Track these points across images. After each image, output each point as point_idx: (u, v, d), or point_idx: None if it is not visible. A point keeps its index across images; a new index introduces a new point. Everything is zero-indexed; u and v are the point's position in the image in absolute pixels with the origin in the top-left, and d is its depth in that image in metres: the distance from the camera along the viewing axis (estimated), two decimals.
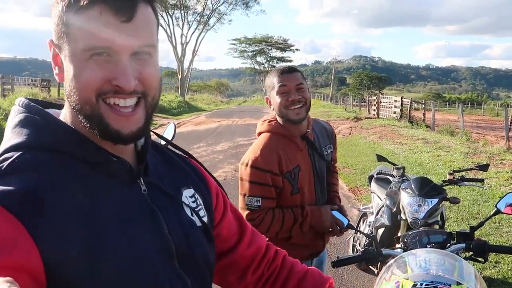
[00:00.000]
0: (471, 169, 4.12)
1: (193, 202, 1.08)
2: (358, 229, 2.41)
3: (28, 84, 25.59)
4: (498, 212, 2.20)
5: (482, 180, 3.91)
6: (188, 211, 1.05)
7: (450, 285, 1.12)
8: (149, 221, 0.95)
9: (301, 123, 2.30)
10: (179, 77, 53.21)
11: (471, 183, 3.97)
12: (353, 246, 4.87)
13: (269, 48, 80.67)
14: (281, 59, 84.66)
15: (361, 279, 4.54)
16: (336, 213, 2.35)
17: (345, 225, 2.31)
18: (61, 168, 0.87)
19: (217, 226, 1.17)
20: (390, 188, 4.26)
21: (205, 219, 1.09)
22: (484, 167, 3.82)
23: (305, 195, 2.35)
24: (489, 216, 2.21)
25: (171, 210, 1.01)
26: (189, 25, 55.07)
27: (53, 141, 0.89)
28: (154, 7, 0.92)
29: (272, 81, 2.28)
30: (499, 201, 2.22)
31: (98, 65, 0.85)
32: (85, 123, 0.90)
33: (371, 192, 4.98)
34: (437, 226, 3.48)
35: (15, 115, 0.94)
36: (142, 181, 0.98)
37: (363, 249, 2.20)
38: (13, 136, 0.90)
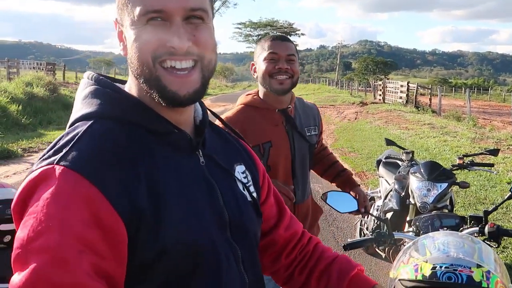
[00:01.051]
0: (481, 154, 4.09)
1: (244, 177, 1.13)
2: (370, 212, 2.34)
3: (34, 68, 25.58)
4: None
5: (492, 165, 3.88)
6: (240, 186, 1.09)
7: (470, 268, 1.10)
8: (207, 191, 0.99)
9: (283, 95, 2.13)
10: None
11: (480, 167, 3.95)
12: (360, 230, 4.87)
13: (275, 32, 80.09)
14: None
15: (368, 263, 4.54)
16: (347, 196, 2.29)
17: (355, 209, 2.26)
18: (128, 136, 0.92)
19: (262, 205, 1.20)
20: (399, 172, 4.24)
21: (254, 194, 1.13)
22: (494, 152, 3.79)
23: (278, 175, 2.13)
24: (504, 200, 2.19)
25: (225, 183, 1.05)
26: None
27: (121, 112, 0.94)
28: None
29: (263, 46, 2.12)
30: None
31: (153, 29, 0.90)
32: (146, 88, 0.94)
33: (379, 177, 4.96)
34: (446, 211, 3.47)
35: (85, 87, 0.99)
36: (200, 153, 1.02)
37: (375, 232, 2.18)
38: (83, 106, 0.95)
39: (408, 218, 3.58)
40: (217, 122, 1.24)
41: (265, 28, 78.43)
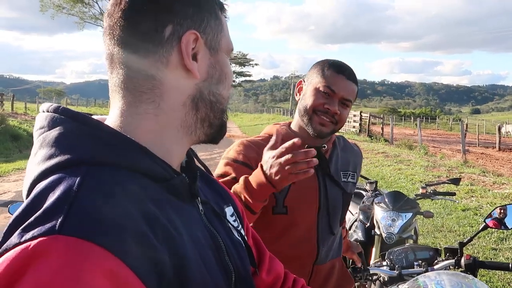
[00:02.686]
0: (443, 183, 4.15)
1: (234, 221, 0.99)
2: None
3: None
4: (486, 227, 2.17)
5: (454, 194, 3.93)
6: (235, 232, 0.96)
7: None
8: (213, 244, 0.86)
9: (321, 138, 1.77)
10: None
11: (443, 197, 3.99)
12: (351, 267, 4.82)
13: (229, 63, 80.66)
14: (241, 74, 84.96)
15: None
16: None
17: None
18: (131, 185, 0.73)
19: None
20: (363, 202, 4.23)
21: (246, 238, 1.00)
22: (455, 181, 3.85)
23: (297, 224, 1.74)
24: (477, 232, 2.18)
25: (224, 232, 0.92)
26: None
27: (117, 155, 0.74)
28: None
29: (323, 72, 1.73)
30: (487, 216, 2.19)
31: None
32: (205, 120, 0.86)
33: None
34: (411, 241, 3.47)
35: (54, 124, 0.77)
36: (199, 200, 0.88)
37: (350, 267, 2.13)
38: (60, 150, 0.73)
39: (373, 249, 3.55)
40: None
41: None
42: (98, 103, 66.67)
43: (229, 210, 1.01)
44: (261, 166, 1.46)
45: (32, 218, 0.63)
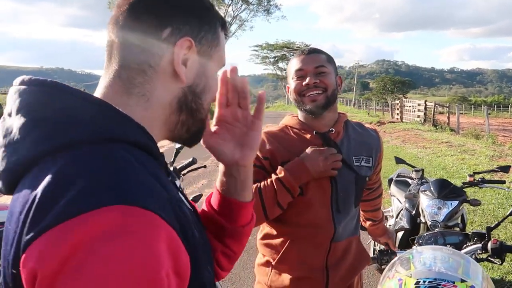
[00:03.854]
0: (491, 171, 4.04)
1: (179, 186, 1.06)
2: None
3: None
4: None
5: (503, 182, 3.83)
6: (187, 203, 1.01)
7: (454, 282, 1.09)
8: (196, 217, 0.94)
9: (320, 114, 1.85)
10: None
11: (491, 184, 3.90)
12: (374, 250, 4.82)
13: (291, 53, 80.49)
14: None
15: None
16: None
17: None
18: (142, 160, 0.77)
19: None
20: (409, 190, 4.21)
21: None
22: (505, 169, 3.74)
23: (312, 202, 1.85)
24: (506, 216, 2.16)
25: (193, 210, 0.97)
26: None
27: (131, 132, 0.79)
28: None
29: (291, 65, 1.91)
30: None
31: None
32: (182, 126, 0.91)
33: (391, 195, 4.92)
34: (457, 229, 3.42)
35: (45, 96, 0.77)
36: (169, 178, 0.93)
37: (377, 251, 2.18)
38: (73, 125, 0.74)
39: None
40: None
41: (282, 50, 79.03)
42: None
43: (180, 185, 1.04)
44: (303, 161, 1.78)
45: (82, 189, 0.65)
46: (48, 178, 0.67)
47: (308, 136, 1.89)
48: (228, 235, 1.04)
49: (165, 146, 15.70)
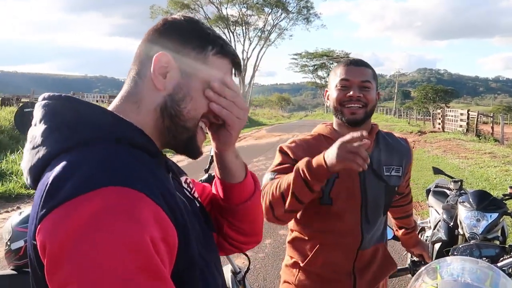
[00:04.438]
0: None
1: (184, 183, 1.18)
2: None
3: (97, 101, 26.96)
4: None
5: None
6: (197, 203, 1.15)
7: None
8: (191, 209, 1.06)
9: (357, 125, 1.88)
10: (241, 91, 53.94)
11: None
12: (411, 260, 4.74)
13: (331, 62, 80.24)
14: None
15: None
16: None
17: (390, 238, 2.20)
18: (143, 158, 0.94)
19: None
20: (447, 201, 4.13)
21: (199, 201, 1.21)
22: None
23: (341, 214, 1.89)
24: None
25: (192, 202, 1.11)
26: (250, 41, 56.13)
27: (130, 134, 0.95)
28: None
29: (335, 72, 1.93)
30: None
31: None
32: (168, 132, 1.02)
33: (429, 206, 4.84)
34: (497, 242, 3.34)
35: (67, 109, 0.95)
36: (170, 176, 1.08)
37: (411, 261, 2.16)
38: (81, 129, 0.92)
39: None
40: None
41: (321, 58, 78.82)
42: None
43: (183, 178, 1.18)
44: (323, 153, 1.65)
45: (80, 176, 0.81)
46: (59, 166, 0.85)
47: None
48: (227, 213, 1.22)
49: (203, 153, 15.88)
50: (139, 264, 0.77)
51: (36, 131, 0.94)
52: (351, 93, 1.86)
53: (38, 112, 0.97)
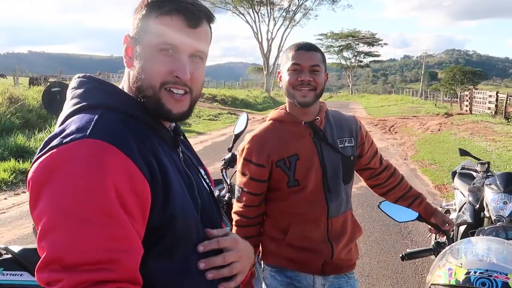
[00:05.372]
0: None
1: (205, 174, 1.34)
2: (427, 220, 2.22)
3: None
4: None
5: None
6: (204, 182, 1.29)
7: (506, 274, 1.06)
8: (187, 180, 1.17)
9: (307, 107, 2.06)
10: (265, 73, 53.76)
11: None
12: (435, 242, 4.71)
13: (356, 43, 79.23)
14: (369, 54, 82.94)
15: None
16: (401, 208, 2.21)
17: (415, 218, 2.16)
18: (134, 124, 1.08)
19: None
20: (473, 184, 4.07)
21: (215, 192, 1.38)
22: None
23: (307, 189, 2.08)
24: None
25: (197, 177, 1.25)
26: (275, 21, 55.48)
27: (124, 105, 1.10)
28: (211, 26, 1.20)
29: (287, 55, 2.07)
30: None
31: (164, 59, 1.11)
32: (143, 101, 1.13)
33: (454, 188, 4.78)
34: None
35: (82, 84, 1.15)
36: (180, 150, 1.23)
37: (435, 242, 2.13)
38: (86, 98, 1.10)
39: None
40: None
41: (347, 39, 77.90)
42: (227, 84, 68.73)
43: (202, 171, 1.33)
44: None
45: (68, 131, 0.98)
46: (60, 127, 1.04)
47: (297, 127, 2.10)
48: None
49: (227, 134, 15.99)
50: (96, 205, 0.91)
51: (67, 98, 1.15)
52: (302, 77, 2.00)
53: (70, 86, 1.17)
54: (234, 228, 2.15)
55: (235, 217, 2.17)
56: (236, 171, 2.26)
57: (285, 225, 2.13)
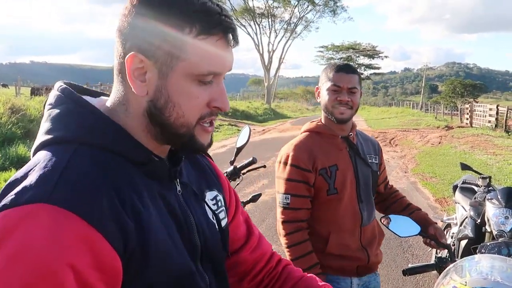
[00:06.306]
0: None
1: (214, 204, 1.10)
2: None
3: None
4: None
5: None
6: (210, 214, 1.07)
7: None
8: (183, 221, 0.97)
9: (344, 123, 2.26)
10: (266, 84, 53.97)
11: None
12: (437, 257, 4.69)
13: (357, 55, 79.53)
14: (369, 66, 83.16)
15: None
16: (408, 220, 2.23)
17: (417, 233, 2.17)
18: (110, 165, 0.87)
19: (229, 224, 1.16)
20: (475, 198, 4.07)
21: (223, 222, 1.11)
22: None
23: (344, 199, 2.25)
24: None
25: (199, 212, 1.04)
26: (276, 33, 55.87)
27: (103, 139, 0.88)
28: None
29: (327, 75, 2.24)
30: None
31: (204, 90, 0.89)
32: (162, 138, 0.93)
33: (455, 202, 4.77)
34: None
35: (58, 103, 0.93)
36: (178, 182, 1.00)
37: (436, 258, 2.13)
38: (57, 127, 0.89)
39: None
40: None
41: (347, 51, 78.14)
42: (228, 95, 68.36)
43: (210, 194, 1.10)
44: None
45: (28, 182, 0.78)
46: (21, 170, 0.84)
47: (335, 140, 2.28)
48: None
49: (227, 145, 15.98)
50: None
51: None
52: (341, 97, 2.18)
53: (48, 100, 0.96)
54: (286, 238, 2.20)
55: (285, 226, 2.21)
56: (238, 186, 2.38)
57: (325, 235, 2.25)
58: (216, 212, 1.09)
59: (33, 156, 0.89)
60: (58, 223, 0.74)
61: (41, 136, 0.89)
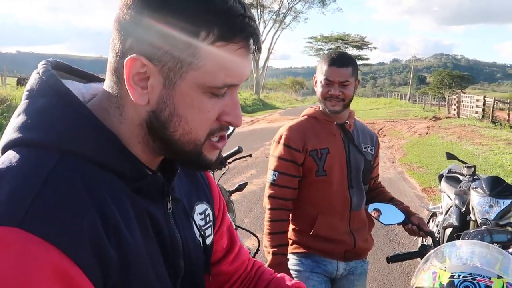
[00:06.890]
0: None
1: (201, 219, 1.01)
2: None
3: None
4: None
5: None
6: (197, 232, 0.98)
7: (490, 278, 1.07)
8: (169, 242, 0.87)
9: (335, 114, 2.32)
10: (254, 75, 53.81)
11: None
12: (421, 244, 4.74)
13: (346, 46, 79.43)
14: (358, 57, 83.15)
15: None
16: (392, 208, 2.24)
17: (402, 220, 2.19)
18: (96, 181, 0.73)
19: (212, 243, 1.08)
20: (460, 187, 4.10)
21: (209, 239, 1.02)
22: None
23: (333, 182, 2.32)
24: None
25: (187, 231, 0.94)
26: (265, 23, 55.68)
27: (91, 150, 0.74)
28: None
29: (321, 68, 2.30)
30: None
31: (216, 102, 0.77)
32: (163, 153, 0.82)
33: (441, 192, 4.81)
34: (510, 228, 3.32)
35: (41, 93, 0.77)
36: (169, 199, 0.88)
37: (420, 245, 2.15)
38: (39, 124, 0.74)
39: None
40: None
41: (336, 42, 78.11)
42: None
43: (199, 208, 1.01)
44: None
45: None
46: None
47: (330, 126, 2.35)
48: None
49: None
50: None
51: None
52: (332, 91, 2.24)
53: (29, 83, 0.79)
54: (268, 212, 2.30)
55: (270, 201, 2.30)
56: (225, 176, 2.37)
57: (313, 216, 2.33)
58: (203, 228, 1.00)
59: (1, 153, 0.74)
60: (30, 253, 0.62)
61: (14, 132, 0.74)
